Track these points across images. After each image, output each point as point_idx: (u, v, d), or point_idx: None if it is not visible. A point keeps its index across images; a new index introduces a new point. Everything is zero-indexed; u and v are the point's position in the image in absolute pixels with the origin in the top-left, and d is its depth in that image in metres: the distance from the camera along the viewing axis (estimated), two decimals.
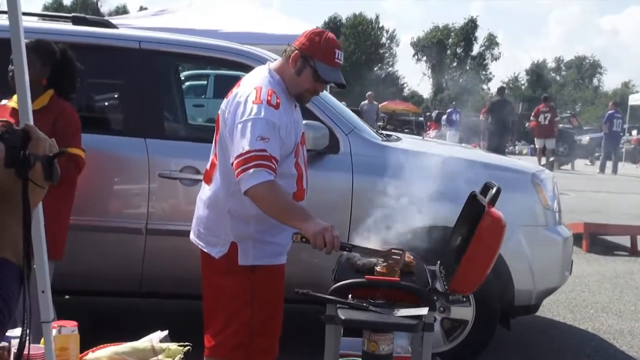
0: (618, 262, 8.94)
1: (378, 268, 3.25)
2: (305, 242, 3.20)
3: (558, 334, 5.97)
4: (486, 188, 3.55)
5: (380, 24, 76.06)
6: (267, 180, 3.12)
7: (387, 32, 76.67)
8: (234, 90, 3.44)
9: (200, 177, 4.61)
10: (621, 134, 25.63)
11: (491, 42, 76.30)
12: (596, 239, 9.65)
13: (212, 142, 3.60)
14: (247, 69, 4.98)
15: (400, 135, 6.04)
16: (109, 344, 3.33)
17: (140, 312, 5.80)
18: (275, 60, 4.97)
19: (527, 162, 5.71)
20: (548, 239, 5.11)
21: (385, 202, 4.66)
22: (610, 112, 24.38)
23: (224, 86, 17.48)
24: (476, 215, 3.25)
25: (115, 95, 5.51)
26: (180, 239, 4.62)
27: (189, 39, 5.33)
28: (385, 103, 40.61)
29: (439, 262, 3.69)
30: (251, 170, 3.12)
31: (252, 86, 3.37)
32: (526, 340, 5.68)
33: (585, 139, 35.10)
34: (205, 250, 3.52)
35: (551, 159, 23.62)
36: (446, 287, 3.22)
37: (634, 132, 33.70)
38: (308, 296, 3.04)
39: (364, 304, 2.96)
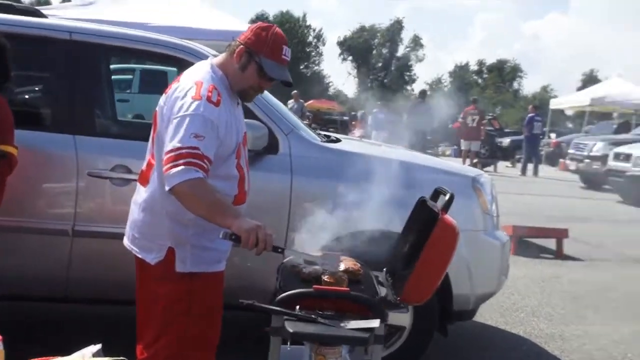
0: (545, 265, 9.03)
1: (325, 277, 3.12)
2: (234, 241, 3.00)
3: (491, 339, 5.95)
4: (436, 194, 3.47)
5: (307, 22, 76.18)
6: (195, 178, 2.96)
7: (314, 30, 76.73)
8: (174, 85, 3.26)
9: (132, 176, 4.43)
10: (541, 136, 26.11)
11: (416, 43, 77.04)
12: (523, 242, 9.73)
13: (144, 140, 3.41)
14: (185, 64, 4.80)
15: (338, 136, 5.92)
16: None
17: (72, 321, 5.53)
18: (215, 56, 4.85)
19: (466, 166, 5.63)
20: (487, 243, 5.07)
21: (326, 204, 4.54)
22: (530, 115, 24.84)
23: (150, 81, 17.42)
24: (427, 222, 3.16)
25: (43, 89, 5.23)
26: (109, 241, 4.43)
27: (123, 31, 5.08)
28: (310, 102, 40.62)
29: (385, 269, 3.58)
30: (180, 168, 2.95)
31: (192, 81, 3.20)
32: (460, 345, 5.63)
33: (506, 141, 35.76)
34: (140, 256, 3.31)
35: (475, 160, 23.93)
36: (396, 296, 3.10)
37: (553, 135, 34.40)
38: (253, 307, 2.88)
39: (313, 316, 2.82)
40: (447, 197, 3.17)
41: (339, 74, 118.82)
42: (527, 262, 8.91)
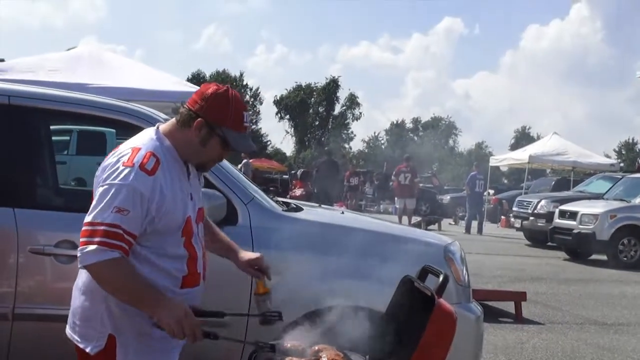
0: (506, 330, 8.75)
1: None
2: (162, 329, 2.73)
3: None
4: (424, 272, 3.15)
5: (244, 81, 76.40)
6: (110, 259, 2.68)
7: (251, 90, 76.99)
8: (113, 151, 2.94)
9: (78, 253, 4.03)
10: (484, 194, 26.23)
11: (352, 102, 77.78)
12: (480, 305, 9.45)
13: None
14: (123, 125, 4.47)
15: (298, 202, 5.59)
16: None
17: None
18: (163, 119, 4.50)
19: (435, 234, 5.34)
20: (462, 317, 4.65)
21: (290, 279, 4.23)
22: (472, 173, 24.96)
23: (88, 142, 16.92)
24: (419, 306, 2.84)
25: None
26: (54, 325, 3.99)
27: (65, 94, 4.70)
28: (250, 161, 40.35)
29: (367, 356, 3.22)
30: (93, 247, 2.68)
31: (130, 147, 2.88)
32: None
33: (446, 198, 36.03)
34: (81, 346, 2.94)
35: (418, 219, 23.86)
36: None
37: (492, 192, 34.70)
38: None
39: None
40: (440, 278, 2.85)
41: (277, 133, 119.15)
42: (487, 327, 8.54)
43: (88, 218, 2.74)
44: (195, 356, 3.38)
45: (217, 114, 2.90)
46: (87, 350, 2.89)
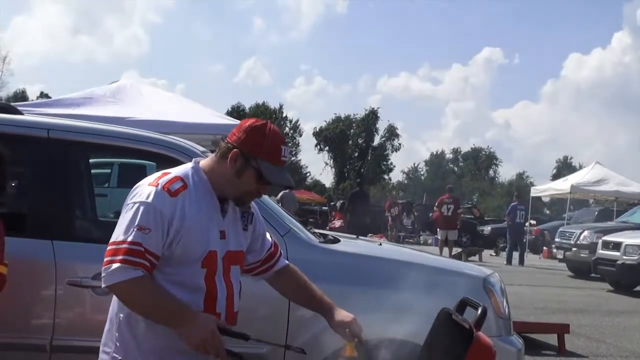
0: None
1: None
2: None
3: None
4: (462, 305, 3.09)
5: (283, 113, 76.86)
6: (132, 278, 2.71)
7: (291, 122, 77.43)
8: None
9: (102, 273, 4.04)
10: (525, 225, 25.97)
11: (391, 133, 77.76)
12: (522, 338, 9.29)
13: None
14: (164, 158, 4.48)
15: (336, 234, 5.56)
16: None
17: None
18: (201, 152, 4.51)
19: (475, 266, 5.27)
20: (503, 351, 4.62)
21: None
22: (513, 204, 24.75)
23: (128, 175, 17.11)
24: (457, 340, 2.78)
25: (19, 191, 4.83)
26: (91, 357, 4.00)
27: (102, 127, 4.75)
28: (292, 192, 40.42)
29: None
30: (115, 265, 2.71)
31: (162, 171, 2.93)
32: None
33: (487, 229, 35.71)
34: None
35: (459, 250, 23.67)
36: None
37: (533, 222, 34.32)
38: None
39: None
40: (479, 311, 2.79)
41: (316, 164, 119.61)
42: None
43: (112, 238, 2.78)
44: None
45: (252, 145, 2.89)
46: None
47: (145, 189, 2.82)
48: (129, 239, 2.72)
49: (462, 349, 2.65)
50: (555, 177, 65.16)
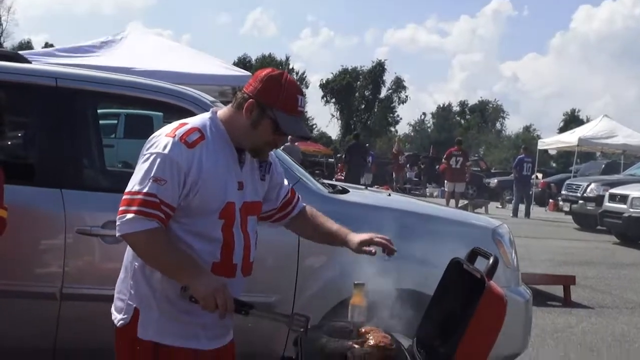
0: (555, 314, 8.63)
1: (350, 355, 2.70)
2: (193, 302, 2.71)
3: None
4: (473, 255, 3.08)
5: (290, 65, 76.39)
6: (146, 230, 2.70)
7: (297, 73, 76.91)
8: None
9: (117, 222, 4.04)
10: (532, 178, 25.93)
11: (398, 85, 77.37)
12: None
13: None
14: (173, 108, 4.45)
15: (344, 185, 5.54)
16: None
17: None
18: (211, 102, 4.48)
19: (484, 217, 5.26)
20: (511, 301, 4.59)
21: (337, 261, 4.18)
22: (520, 156, 24.63)
23: (135, 126, 17.09)
24: (468, 289, 2.78)
25: (27, 140, 4.81)
26: (101, 305, 4.01)
27: (111, 76, 4.72)
28: (296, 144, 40.33)
29: (414, 339, 3.18)
30: (130, 215, 2.69)
31: (179, 122, 2.89)
32: None
33: (493, 181, 35.67)
34: (112, 317, 2.97)
35: (465, 202, 23.66)
36: None
37: (540, 176, 34.23)
38: None
39: None
40: (490, 261, 2.77)
41: (323, 116, 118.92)
42: (536, 311, 8.43)
43: (127, 188, 2.76)
44: (242, 337, 3.34)
45: (268, 95, 2.85)
46: (116, 321, 2.92)
47: (162, 140, 2.79)
48: (144, 190, 2.70)
49: (473, 298, 2.65)
50: (562, 130, 64.81)
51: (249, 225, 2.99)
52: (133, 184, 2.75)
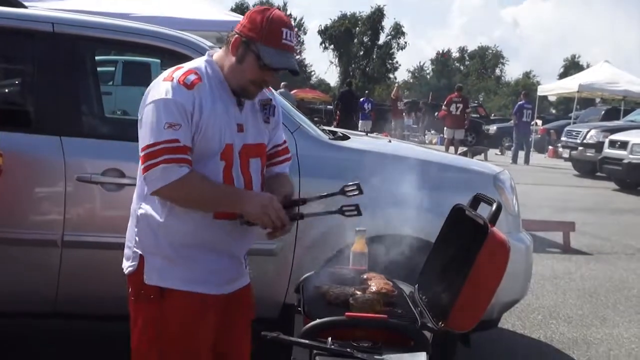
0: (554, 260, 8.68)
1: (357, 300, 2.70)
2: (250, 225, 2.76)
3: (512, 346, 5.58)
4: (476, 201, 3.07)
5: (287, 11, 75.60)
6: (179, 178, 2.64)
7: (295, 19, 76.20)
8: None
9: (126, 180, 4.02)
10: (531, 124, 25.86)
11: (397, 31, 76.73)
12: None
13: (137, 141, 2.97)
14: (171, 53, 4.40)
15: (345, 131, 5.51)
16: None
17: (58, 339, 5.09)
18: (209, 47, 4.42)
19: (485, 163, 5.24)
20: (512, 247, 4.61)
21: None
22: (520, 102, 24.52)
23: (133, 73, 16.98)
24: (470, 235, 2.76)
25: (24, 86, 4.76)
26: (102, 252, 4.05)
27: (109, 21, 4.65)
28: (294, 91, 40.09)
29: (416, 285, 3.18)
30: (160, 167, 2.63)
31: (176, 66, 2.84)
32: (481, 354, 5.23)
33: (492, 128, 35.57)
34: (122, 266, 2.94)
35: (465, 149, 23.63)
36: (438, 321, 2.70)
37: (539, 122, 34.14)
38: (280, 340, 2.47)
39: (348, 350, 2.42)
40: (494, 207, 2.76)
41: (321, 63, 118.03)
42: (535, 258, 8.43)
43: (144, 142, 2.68)
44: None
45: (251, 28, 2.80)
46: (124, 269, 2.90)
47: (161, 86, 2.73)
48: (164, 138, 2.64)
49: (476, 244, 2.63)
50: (562, 76, 64.45)
51: (251, 167, 2.93)
52: (147, 137, 2.68)
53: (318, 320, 2.55)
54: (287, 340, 2.46)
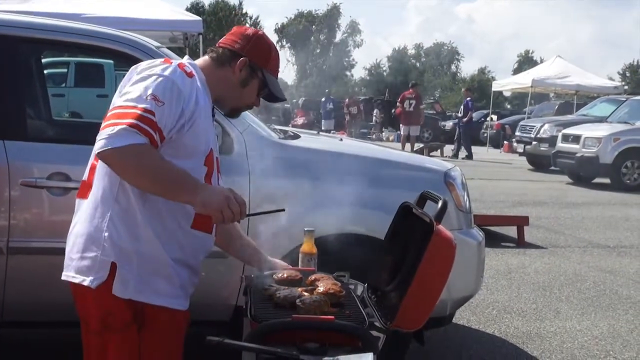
0: (508, 255, 8.75)
1: (304, 302, 2.67)
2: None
3: (466, 341, 5.59)
4: (423, 199, 3.06)
5: (243, 9, 75.26)
6: (140, 144, 2.40)
7: (251, 18, 75.87)
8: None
9: (72, 184, 3.93)
10: (481, 119, 26.11)
11: (354, 29, 76.86)
12: (482, 231, 9.41)
13: (84, 144, 2.86)
14: (122, 56, 4.34)
15: (295, 130, 5.50)
16: None
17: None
18: (156, 47, 4.37)
19: (436, 160, 5.26)
20: (463, 243, 4.64)
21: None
22: (466, 100, 24.80)
23: (85, 74, 16.77)
24: (417, 234, 2.76)
25: None
26: (49, 258, 3.94)
27: (56, 22, 4.56)
28: None
29: (366, 285, 3.17)
30: (121, 127, 2.38)
31: (163, 59, 2.72)
32: (434, 349, 5.25)
33: (449, 124, 35.83)
34: (76, 281, 2.63)
35: (421, 145, 23.78)
36: (386, 321, 2.69)
37: (495, 117, 34.47)
38: (224, 345, 2.43)
39: (294, 353, 2.39)
40: (439, 204, 2.75)
41: None
42: (489, 253, 8.51)
43: (117, 102, 2.51)
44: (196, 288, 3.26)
45: (260, 55, 2.81)
46: (86, 283, 2.59)
47: (159, 65, 2.59)
48: (141, 105, 2.44)
49: (422, 242, 2.63)
50: (516, 71, 65.19)
51: (220, 180, 2.88)
52: (124, 99, 2.50)
53: (264, 324, 2.52)
54: (231, 345, 2.42)
